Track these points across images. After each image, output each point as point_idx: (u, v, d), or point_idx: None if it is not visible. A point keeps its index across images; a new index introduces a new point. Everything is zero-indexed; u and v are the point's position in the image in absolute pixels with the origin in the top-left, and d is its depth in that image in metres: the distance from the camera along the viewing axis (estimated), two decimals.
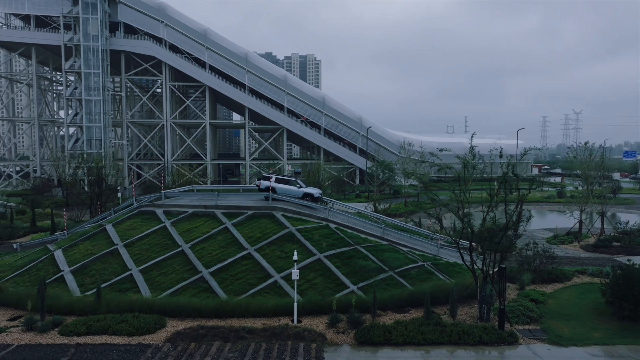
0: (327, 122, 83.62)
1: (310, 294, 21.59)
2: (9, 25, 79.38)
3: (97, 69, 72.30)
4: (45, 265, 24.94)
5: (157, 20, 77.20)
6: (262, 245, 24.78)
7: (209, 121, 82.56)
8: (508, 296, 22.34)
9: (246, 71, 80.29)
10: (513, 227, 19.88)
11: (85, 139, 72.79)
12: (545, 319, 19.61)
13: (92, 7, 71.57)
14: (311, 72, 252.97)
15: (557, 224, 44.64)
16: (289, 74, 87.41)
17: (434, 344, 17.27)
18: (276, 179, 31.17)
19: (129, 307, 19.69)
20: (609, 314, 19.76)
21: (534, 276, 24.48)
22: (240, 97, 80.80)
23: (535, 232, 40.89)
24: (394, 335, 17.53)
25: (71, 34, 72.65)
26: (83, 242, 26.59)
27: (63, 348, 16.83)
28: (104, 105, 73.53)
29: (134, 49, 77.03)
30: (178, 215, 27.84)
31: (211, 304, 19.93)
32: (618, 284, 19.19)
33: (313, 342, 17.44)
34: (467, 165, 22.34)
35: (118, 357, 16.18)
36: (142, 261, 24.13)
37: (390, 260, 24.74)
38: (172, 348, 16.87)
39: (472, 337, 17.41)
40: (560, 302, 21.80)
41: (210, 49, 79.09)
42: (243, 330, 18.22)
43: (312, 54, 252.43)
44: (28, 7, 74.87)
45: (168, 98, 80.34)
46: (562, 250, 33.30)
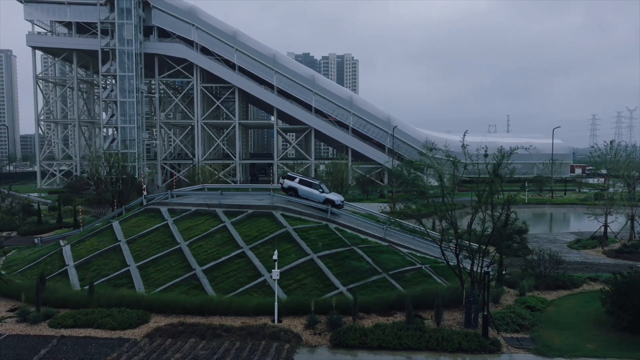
0: (355, 121, 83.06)
1: (298, 294, 21.47)
2: (54, 32, 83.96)
3: (131, 71, 75.09)
4: (53, 259, 26.13)
5: (188, 23, 79.30)
6: (257, 244, 24.86)
7: (238, 121, 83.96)
8: (505, 302, 21.38)
9: (274, 72, 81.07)
10: (499, 230, 18.82)
11: (120, 139, 75.82)
12: (538, 328, 18.56)
13: (127, 13, 74.41)
14: (348, 72, 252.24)
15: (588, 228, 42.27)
16: (317, 73, 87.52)
17: (410, 350, 16.72)
18: (300, 180, 30.93)
19: (119, 302, 20.26)
20: (609, 325, 18.45)
21: (537, 282, 23.23)
22: (269, 97, 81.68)
23: (559, 236, 38.94)
24: (370, 339, 17.11)
25: (108, 39, 75.86)
26: (90, 238, 27.66)
27: (47, 339, 17.54)
28: (138, 106, 76.31)
29: (167, 52, 79.49)
30: (181, 213, 28.42)
31: (196, 301, 20.19)
32: (619, 293, 17.89)
33: (287, 342, 17.30)
34: (456, 164, 21.23)
35: (95, 350, 16.68)
36: (141, 257, 24.80)
37: (386, 262, 24.19)
38: (149, 343, 17.21)
39: (451, 344, 16.71)
40: (560, 310, 20.58)
41: (240, 50, 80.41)
42: (221, 328, 18.33)
43: (349, 53, 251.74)
44: (70, 14, 78.84)
45: (199, 99, 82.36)
46: (582, 256, 31.50)
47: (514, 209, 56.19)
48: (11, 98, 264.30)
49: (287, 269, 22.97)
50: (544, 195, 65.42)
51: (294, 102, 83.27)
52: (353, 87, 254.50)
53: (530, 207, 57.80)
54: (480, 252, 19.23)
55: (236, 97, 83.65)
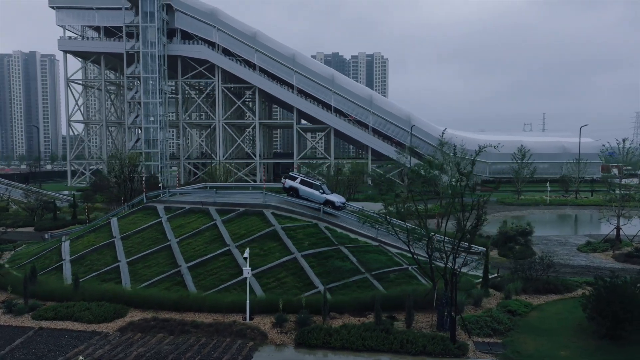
0: (375, 120, 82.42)
1: (276, 292, 21.49)
2: (84, 36, 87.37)
3: (155, 73, 77.17)
4: (52, 254, 27.19)
5: (210, 25, 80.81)
6: (244, 242, 25.01)
7: (259, 121, 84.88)
8: (487, 305, 20.69)
9: (294, 71, 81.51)
10: (470, 233, 18.25)
11: (143, 139, 78.07)
12: (514, 333, 17.86)
13: (151, 16, 76.48)
14: (378, 71, 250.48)
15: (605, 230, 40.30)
16: (337, 72, 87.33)
17: (373, 351, 16.44)
18: (301, 180, 30.88)
19: (101, 296, 20.85)
20: (590, 331, 17.54)
21: (525, 285, 22.33)
22: (288, 97, 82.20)
23: (571, 238, 37.33)
24: (334, 339, 16.93)
25: (133, 42, 78.28)
26: (89, 233, 28.63)
27: (26, 330, 18.28)
28: (161, 107, 78.36)
29: (189, 54, 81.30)
30: (176, 211, 28.99)
31: (173, 297, 20.55)
32: (599, 298, 16.99)
33: (252, 340, 17.35)
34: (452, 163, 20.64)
35: (66, 342, 17.26)
36: (132, 254, 25.46)
37: (371, 261, 23.87)
38: (118, 337, 17.65)
39: (415, 346, 16.32)
40: (544, 315, 19.73)
41: (260, 51, 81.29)
42: (191, 324, 18.58)
43: (379, 52, 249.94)
44: (98, 19, 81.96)
45: (220, 99, 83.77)
46: (589, 259, 30.09)
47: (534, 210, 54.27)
48: (54, 100, 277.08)
49: (269, 267, 23.09)
50: (568, 196, 62.86)
51: (313, 101, 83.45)
52: (382, 86, 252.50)
53: (551, 208, 55.70)
54: (454, 253, 18.67)
55: (256, 97, 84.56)
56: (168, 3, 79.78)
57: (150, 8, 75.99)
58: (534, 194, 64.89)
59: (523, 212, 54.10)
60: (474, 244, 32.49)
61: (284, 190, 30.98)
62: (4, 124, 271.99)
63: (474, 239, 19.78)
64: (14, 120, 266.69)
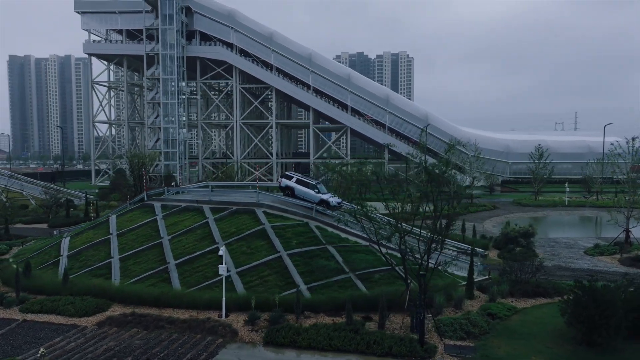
0: (392, 120, 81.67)
1: (258, 290, 21.56)
2: (109, 39, 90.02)
3: (174, 74, 78.75)
4: (53, 249, 28.14)
5: (227, 26, 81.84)
6: (232, 240, 25.24)
7: (275, 121, 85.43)
8: (469, 308, 20.18)
9: (310, 71, 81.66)
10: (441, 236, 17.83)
11: (163, 139, 79.81)
12: (490, 337, 17.35)
13: (170, 19, 78.09)
14: (403, 70, 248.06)
15: None
16: (353, 71, 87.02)
17: (339, 351, 16.30)
18: (297, 179, 30.95)
19: (87, 291, 21.45)
20: (570, 337, 16.86)
21: (513, 288, 21.65)
22: (304, 97, 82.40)
23: (581, 241, 35.96)
24: (301, 339, 16.88)
25: (153, 44, 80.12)
26: (88, 230, 29.48)
27: (10, 322, 19.00)
28: (180, 107, 79.92)
29: (207, 55, 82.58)
30: (172, 209, 29.49)
31: (154, 293, 20.91)
32: (577, 303, 16.31)
33: (222, 337, 17.49)
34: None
35: (44, 334, 17.84)
36: (125, 250, 26.05)
37: (357, 261, 23.64)
38: (94, 330, 18.11)
39: (381, 347, 16.09)
40: (527, 319, 19.09)
41: (276, 51, 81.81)
42: (167, 320, 18.88)
43: (404, 51, 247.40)
44: (120, 22, 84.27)
45: (238, 99, 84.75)
46: (593, 262, 28.93)
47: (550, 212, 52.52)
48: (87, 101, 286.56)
49: (254, 266, 23.20)
50: (589, 198, 60.60)
51: (330, 101, 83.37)
52: (408, 85, 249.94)
53: (568, 210, 53.80)
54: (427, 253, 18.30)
55: (273, 97, 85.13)
56: (187, 5, 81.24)
57: (169, 11, 77.60)
58: (554, 195, 62.89)
59: (538, 213, 52.53)
60: (474, 245, 31.95)
61: (280, 190, 31.04)
62: (42, 125, 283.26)
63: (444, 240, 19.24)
64: (50, 121, 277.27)
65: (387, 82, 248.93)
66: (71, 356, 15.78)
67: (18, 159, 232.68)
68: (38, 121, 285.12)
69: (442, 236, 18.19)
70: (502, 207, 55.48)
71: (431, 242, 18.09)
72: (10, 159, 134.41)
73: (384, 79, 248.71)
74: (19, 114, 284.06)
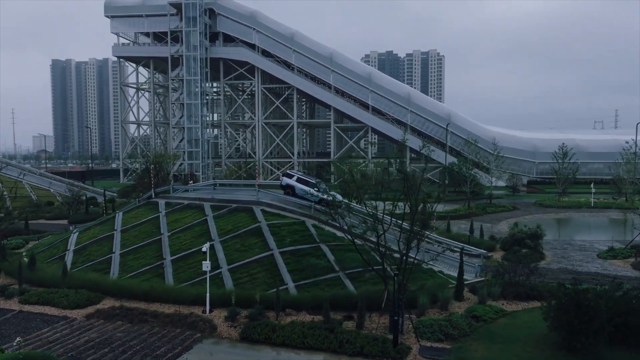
0: (413, 119, 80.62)
1: (246, 287, 21.78)
2: (137, 42, 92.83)
3: (197, 75, 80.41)
4: (61, 244, 29.30)
5: (249, 27, 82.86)
6: (228, 237, 25.59)
7: (297, 120, 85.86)
8: (456, 310, 19.71)
9: (331, 71, 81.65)
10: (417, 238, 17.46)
11: (186, 138, 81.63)
12: (469, 339, 16.90)
13: (193, 21, 79.80)
14: (433, 69, 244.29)
15: None
16: (374, 70, 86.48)
17: (311, 349, 16.27)
18: (297, 178, 31.05)
19: (83, 285, 22.21)
20: (552, 342, 16.22)
21: (506, 290, 20.98)
22: (325, 96, 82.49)
23: (597, 244, 34.45)
24: (275, 336, 16.94)
25: (178, 46, 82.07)
26: (95, 226, 30.53)
27: (7, 312, 19.94)
28: (203, 108, 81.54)
29: (230, 56, 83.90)
30: (175, 206, 30.15)
31: (144, 287, 21.45)
32: (559, 307, 15.68)
33: (201, 332, 17.76)
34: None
35: (35, 325, 18.62)
36: (126, 246, 26.84)
37: (349, 260, 23.49)
38: (82, 322, 18.75)
39: (353, 347, 15.94)
40: (513, 322, 18.48)
41: (297, 51, 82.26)
42: (151, 314, 19.33)
43: (434, 49, 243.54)
44: (147, 25, 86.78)
45: (260, 99, 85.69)
46: (603, 266, 27.68)
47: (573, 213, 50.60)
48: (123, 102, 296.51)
49: (245, 263, 23.45)
50: (618, 199, 57.93)
51: (351, 100, 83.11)
52: (438, 84, 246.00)
53: (593, 212, 51.59)
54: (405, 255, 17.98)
55: (294, 97, 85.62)
56: (210, 7, 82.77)
57: (192, 13, 79.30)
58: (581, 196, 60.49)
59: (560, 214, 50.67)
60: (480, 246, 31.20)
61: (282, 188, 31.12)
62: (81, 125, 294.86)
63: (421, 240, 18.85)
64: (89, 122, 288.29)
65: (417, 81, 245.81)
66: (53, 346, 16.41)
67: (59, 159, 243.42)
68: (78, 122, 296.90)
69: (418, 237, 17.80)
70: (522, 208, 53.80)
71: (409, 242, 17.76)
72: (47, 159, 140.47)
73: (414, 78, 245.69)
74: (60, 115, 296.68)
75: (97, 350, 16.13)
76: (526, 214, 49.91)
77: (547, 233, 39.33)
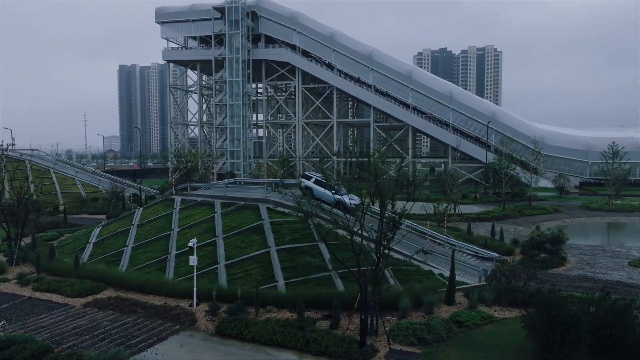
0: (455, 117, 78.08)
1: (238, 283, 22.16)
2: (185, 46, 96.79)
3: (239, 77, 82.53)
4: (85, 237, 31.22)
5: (290, 28, 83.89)
6: (231, 234, 26.15)
7: (336, 120, 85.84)
8: (441, 314, 18.95)
9: (370, 69, 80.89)
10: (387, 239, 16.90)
11: (229, 138, 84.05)
12: (444, 345, 16.19)
13: (236, 24, 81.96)
14: (489, 65, 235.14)
15: None
16: (415, 68, 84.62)
17: (278, 347, 16.29)
18: (315, 180, 30.82)
19: (90, 275, 23.59)
20: (531, 352, 15.19)
21: (501, 296, 19.86)
22: (364, 95, 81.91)
23: (635, 251, 31.73)
24: (247, 331, 17.12)
25: (222, 49, 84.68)
26: (117, 221, 32.24)
27: (18, 297, 21.58)
28: (245, 108, 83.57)
29: (271, 57, 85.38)
30: (188, 203, 31.21)
31: (140, 280, 22.40)
32: (536, 316, 14.66)
33: (181, 324, 18.30)
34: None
35: (37, 310, 20.03)
36: (139, 240, 28.16)
37: (344, 259, 23.20)
38: (78, 310, 19.92)
39: (318, 346, 15.78)
40: (499, 330, 17.47)
41: (337, 50, 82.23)
42: (141, 305, 20.15)
43: (491, 45, 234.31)
44: (194, 29, 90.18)
45: (300, 99, 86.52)
46: (629, 275, 25.47)
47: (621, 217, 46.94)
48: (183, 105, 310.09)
49: (242, 259, 23.86)
50: None
51: (391, 99, 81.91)
52: (495, 80, 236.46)
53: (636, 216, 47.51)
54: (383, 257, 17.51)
55: (334, 97, 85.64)
56: (253, 10, 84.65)
57: (235, 16, 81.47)
58: (635, 199, 55.85)
59: (606, 218, 47.10)
60: (499, 249, 29.76)
61: (300, 190, 30.87)
62: (144, 127, 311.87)
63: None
64: (151, 123, 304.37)
65: (472, 79, 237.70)
66: (43, 331, 17.58)
67: (124, 158, 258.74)
68: (141, 123, 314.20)
69: (387, 240, 17.24)
70: (565, 211, 50.53)
71: (379, 244, 17.28)
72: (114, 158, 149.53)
73: (469, 75, 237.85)
74: (126, 117, 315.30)
75: (79, 336, 17.08)
76: (567, 217, 46.84)
77: (582, 238, 36.88)
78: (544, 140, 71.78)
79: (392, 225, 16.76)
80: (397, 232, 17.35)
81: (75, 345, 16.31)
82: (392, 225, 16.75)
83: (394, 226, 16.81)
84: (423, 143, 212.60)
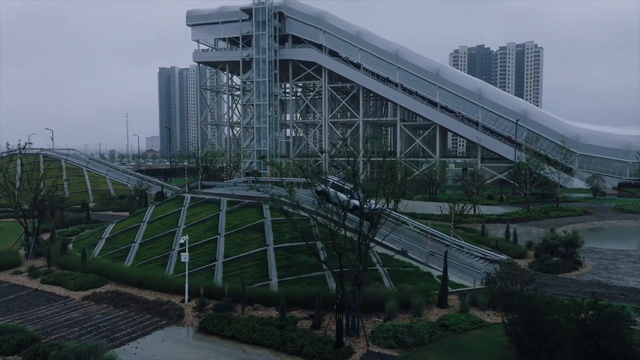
0: (484, 116, 75.83)
1: (233, 280, 22.32)
2: (216, 47, 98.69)
3: (266, 77, 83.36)
4: (99, 232, 32.33)
5: (317, 28, 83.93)
6: (232, 232, 26.39)
7: (362, 119, 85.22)
8: (429, 317, 18.39)
9: (397, 68, 79.82)
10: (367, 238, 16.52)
11: (256, 138, 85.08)
12: (424, 349, 15.68)
13: (263, 25, 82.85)
14: (529, 61, 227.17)
15: None
16: (443, 66, 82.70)
17: (255, 345, 16.27)
18: (332, 184, 30.48)
19: (95, 270, 24.38)
20: (512, 357, 14.49)
21: (496, 300, 19.06)
22: (391, 94, 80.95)
23: None
24: (228, 329, 17.19)
25: (249, 50, 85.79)
26: (130, 217, 33.19)
27: (26, 289, 22.57)
28: (272, 108, 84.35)
29: (297, 57, 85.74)
30: (197, 201, 31.75)
31: (138, 275, 22.91)
32: (514, 321, 13.98)
33: (168, 319, 18.60)
34: None
35: (39, 302, 20.88)
36: (147, 236, 28.87)
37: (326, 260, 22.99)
38: (77, 302, 20.63)
39: (293, 346, 15.64)
40: (487, 335, 16.75)
41: (363, 49, 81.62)
42: (134, 300, 20.63)
43: (531, 41, 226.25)
44: (223, 31, 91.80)
45: (326, 99, 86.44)
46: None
47: None
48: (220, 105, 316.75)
49: (238, 257, 24.03)
50: None
51: (418, 97, 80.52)
52: (535, 77, 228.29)
53: None
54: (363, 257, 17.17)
55: (360, 96, 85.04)
56: (280, 11, 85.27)
57: (262, 17, 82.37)
58: None
59: (639, 221, 44.46)
60: (510, 252, 28.68)
61: (316, 194, 30.35)
62: (183, 127, 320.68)
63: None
64: (188, 124, 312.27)
65: (511, 75, 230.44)
66: (38, 321, 18.31)
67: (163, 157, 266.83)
68: (180, 124, 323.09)
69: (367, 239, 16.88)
70: (596, 213, 48.10)
71: (359, 244, 16.94)
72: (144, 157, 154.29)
73: (507, 72, 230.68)
74: (165, 118, 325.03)
75: (69, 328, 17.68)
76: (596, 220, 44.57)
77: (607, 241, 35.08)
78: (579, 139, 68.71)
79: (370, 224, 16.39)
80: (376, 232, 16.94)
81: (62, 336, 16.87)
82: (370, 224, 16.38)
83: (372, 226, 16.43)
84: (459, 143, 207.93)
